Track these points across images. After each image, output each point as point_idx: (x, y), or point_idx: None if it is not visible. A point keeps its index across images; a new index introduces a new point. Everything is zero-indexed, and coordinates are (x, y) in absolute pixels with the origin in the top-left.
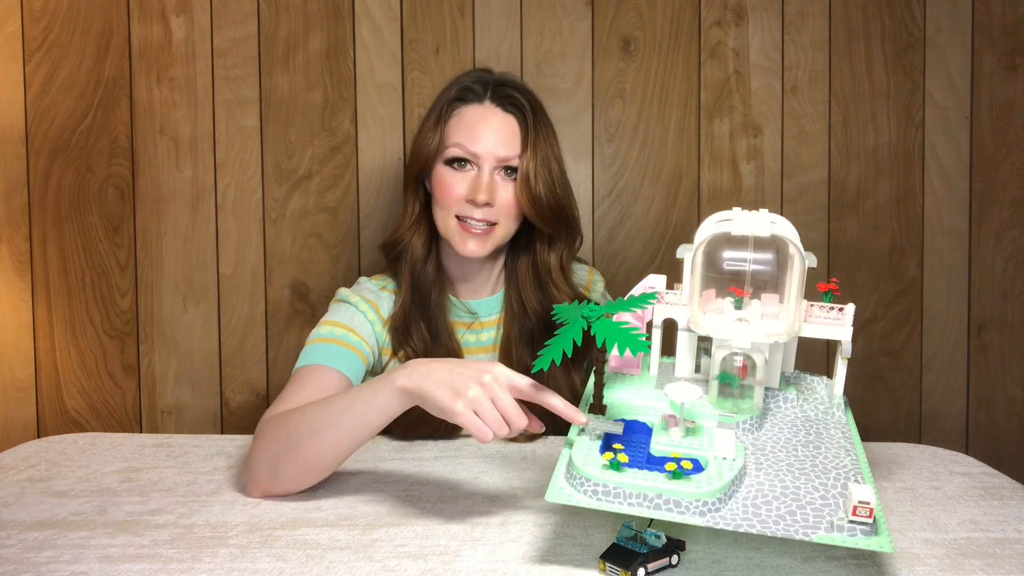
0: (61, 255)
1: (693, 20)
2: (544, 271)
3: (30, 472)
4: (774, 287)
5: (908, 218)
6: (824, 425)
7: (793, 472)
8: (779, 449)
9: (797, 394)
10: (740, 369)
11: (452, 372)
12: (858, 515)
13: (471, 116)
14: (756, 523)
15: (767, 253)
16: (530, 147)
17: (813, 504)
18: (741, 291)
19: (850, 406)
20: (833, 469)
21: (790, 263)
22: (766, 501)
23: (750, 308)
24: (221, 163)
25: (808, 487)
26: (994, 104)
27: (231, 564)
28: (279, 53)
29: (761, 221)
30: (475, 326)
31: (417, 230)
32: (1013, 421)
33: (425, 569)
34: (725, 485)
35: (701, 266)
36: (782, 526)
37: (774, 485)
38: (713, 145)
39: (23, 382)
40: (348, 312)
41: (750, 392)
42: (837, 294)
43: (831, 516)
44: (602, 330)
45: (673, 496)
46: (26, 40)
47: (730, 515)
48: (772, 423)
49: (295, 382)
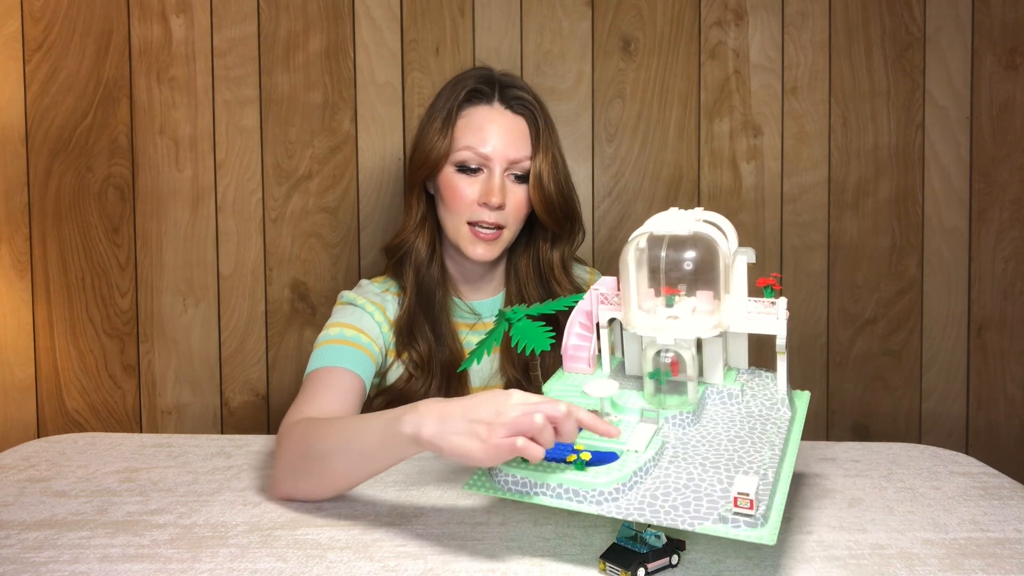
0: (61, 255)
1: (693, 20)
2: (547, 268)
3: (30, 472)
4: (709, 284)
5: (908, 218)
6: (763, 421)
7: (705, 466)
8: (703, 444)
9: (743, 390)
10: (671, 365)
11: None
12: (739, 506)
13: (480, 118)
14: (647, 512)
15: (687, 251)
16: (541, 148)
17: (711, 496)
18: (668, 289)
19: (805, 400)
20: (746, 463)
21: (718, 260)
22: (665, 492)
23: (681, 305)
24: (221, 163)
25: (712, 480)
26: (994, 104)
27: (231, 564)
28: (279, 53)
29: (686, 219)
30: (478, 327)
31: (421, 232)
32: (1013, 421)
33: (425, 569)
34: (624, 476)
35: (632, 266)
36: (671, 516)
37: (679, 477)
38: (713, 145)
39: (23, 382)
40: (356, 314)
41: (682, 388)
42: (777, 288)
43: (722, 508)
44: (516, 331)
45: (572, 486)
46: (26, 40)
47: (625, 505)
48: (709, 418)
49: (312, 384)
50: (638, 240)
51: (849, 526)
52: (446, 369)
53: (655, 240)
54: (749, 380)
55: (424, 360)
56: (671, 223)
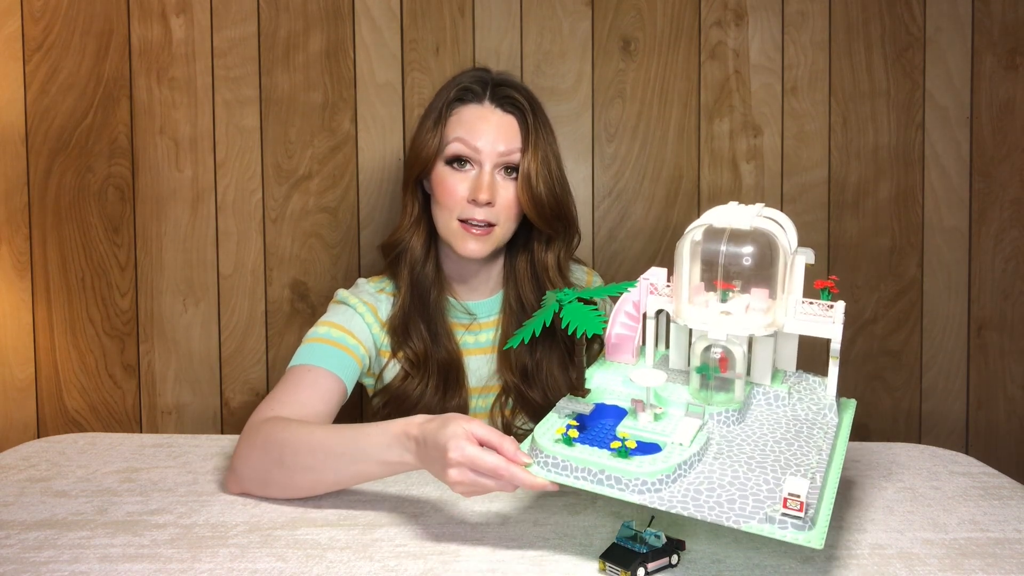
0: (61, 255)
1: (693, 20)
2: (542, 270)
3: (30, 472)
4: (766, 282)
5: (908, 218)
6: (811, 426)
7: (751, 465)
8: (748, 443)
9: (791, 393)
10: (720, 362)
11: (426, 464)
12: (788, 508)
13: (470, 115)
14: (691, 507)
15: (747, 247)
16: (531, 147)
17: (757, 495)
18: (724, 284)
19: (851, 409)
20: (793, 466)
21: (778, 258)
22: (710, 488)
23: (735, 301)
24: (221, 163)
25: (758, 480)
26: (994, 104)
27: (231, 564)
28: (279, 53)
29: (747, 214)
30: (473, 327)
31: (416, 231)
32: (1013, 421)
33: (425, 569)
34: (668, 468)
35: (687, 258)
36: (716, 512)
37: (724, 474)
38: (713, 145)
39: (23, 382)
40: (346, 314)
41: (729, 385)
42: (835, 292)
43: (768, 508)
44: (568, 313)
45: (614, 473)
46: (26, 40)
47: (668, 497)
48: (755, 419)
49: (289, 381)
50: (694, 232)
51: (849, 526)
52: (443, 368)
53: (713, 233)
54: (796, 383)
55: (420, 359)
56: (732, 216)
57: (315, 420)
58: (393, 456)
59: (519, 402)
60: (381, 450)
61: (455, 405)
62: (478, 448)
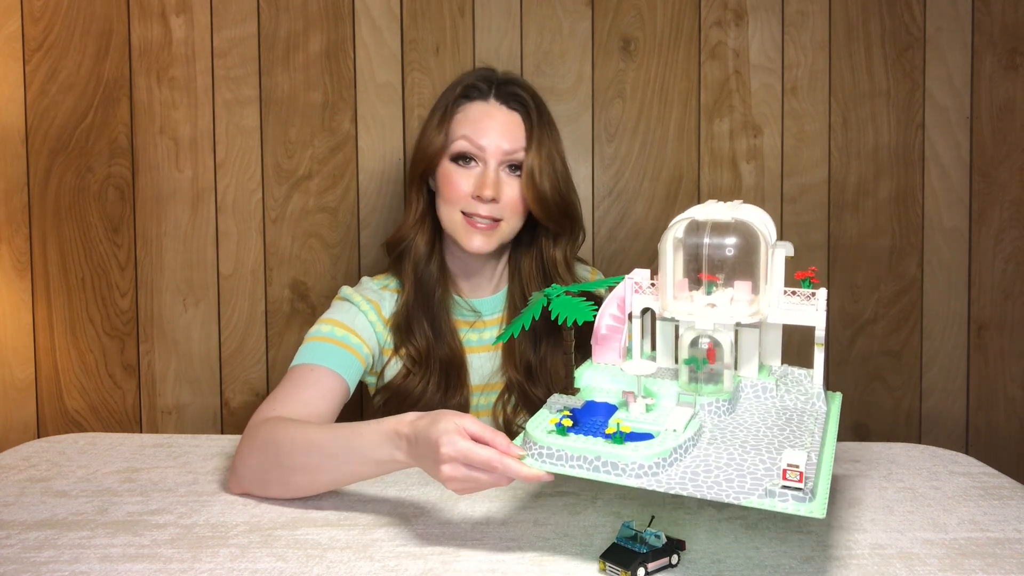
0: (61, 255)
1: (693, 20)
2: (551, 266)
3: (30, 472)
4: (748, 274)
5: (908, 218)
6: (800, 414)
7: (745, 448)
8: (741, 431)
9: (778, 385)
10: (707, 352)
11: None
12: (788, 479)
13: (476, 112)
14: (690, 486)
15: (729, 237)
16: (535, 144)
17: (755, 473)
18: (710, 276)
19: (838, 401)
20: (785, 447)
21: (759, 247)
22: (707, 470)
23: (720, 294)
24: (221, 163)
25: (755, 460)
26: (994, 104)
27: (231, 564)
28: (279, 53)
29: (725, 209)
30: (478, 325)
31: (420, 228)
32: (1013, 421)
33: (425, 569)
34: (664, 451)
35: (671, 252)
36: (715, 491)
37: (720, 457)
38: (713, 145)
39: (23, 382)
40: (350, 312)
41: (717, 376)
42: (816, 283)
43: (768, 483)
44: (557, 305)
45: (611, 459)
46: (26, 40)
47: (666, 479)
48: (745, 409)
49: (291, 380)
50: (676, 227)
51: (849, 526)
52: (445, 366)
53: (696, 227)
54: (783, 376)
55: (422, 356)
56: (711, 211)
57: (317, 420)
58: (384, 455)
59: (522, 399)
60: (372, 449)
61: (456, 403)
62: (471, 442)
